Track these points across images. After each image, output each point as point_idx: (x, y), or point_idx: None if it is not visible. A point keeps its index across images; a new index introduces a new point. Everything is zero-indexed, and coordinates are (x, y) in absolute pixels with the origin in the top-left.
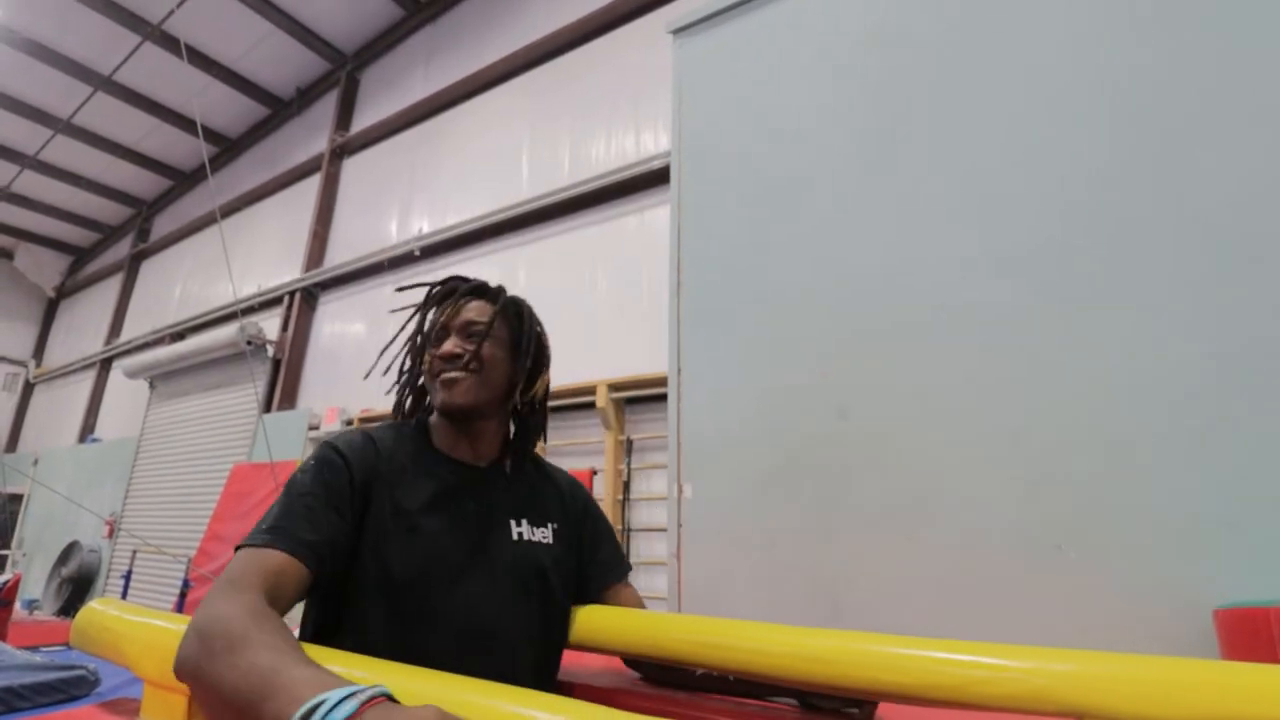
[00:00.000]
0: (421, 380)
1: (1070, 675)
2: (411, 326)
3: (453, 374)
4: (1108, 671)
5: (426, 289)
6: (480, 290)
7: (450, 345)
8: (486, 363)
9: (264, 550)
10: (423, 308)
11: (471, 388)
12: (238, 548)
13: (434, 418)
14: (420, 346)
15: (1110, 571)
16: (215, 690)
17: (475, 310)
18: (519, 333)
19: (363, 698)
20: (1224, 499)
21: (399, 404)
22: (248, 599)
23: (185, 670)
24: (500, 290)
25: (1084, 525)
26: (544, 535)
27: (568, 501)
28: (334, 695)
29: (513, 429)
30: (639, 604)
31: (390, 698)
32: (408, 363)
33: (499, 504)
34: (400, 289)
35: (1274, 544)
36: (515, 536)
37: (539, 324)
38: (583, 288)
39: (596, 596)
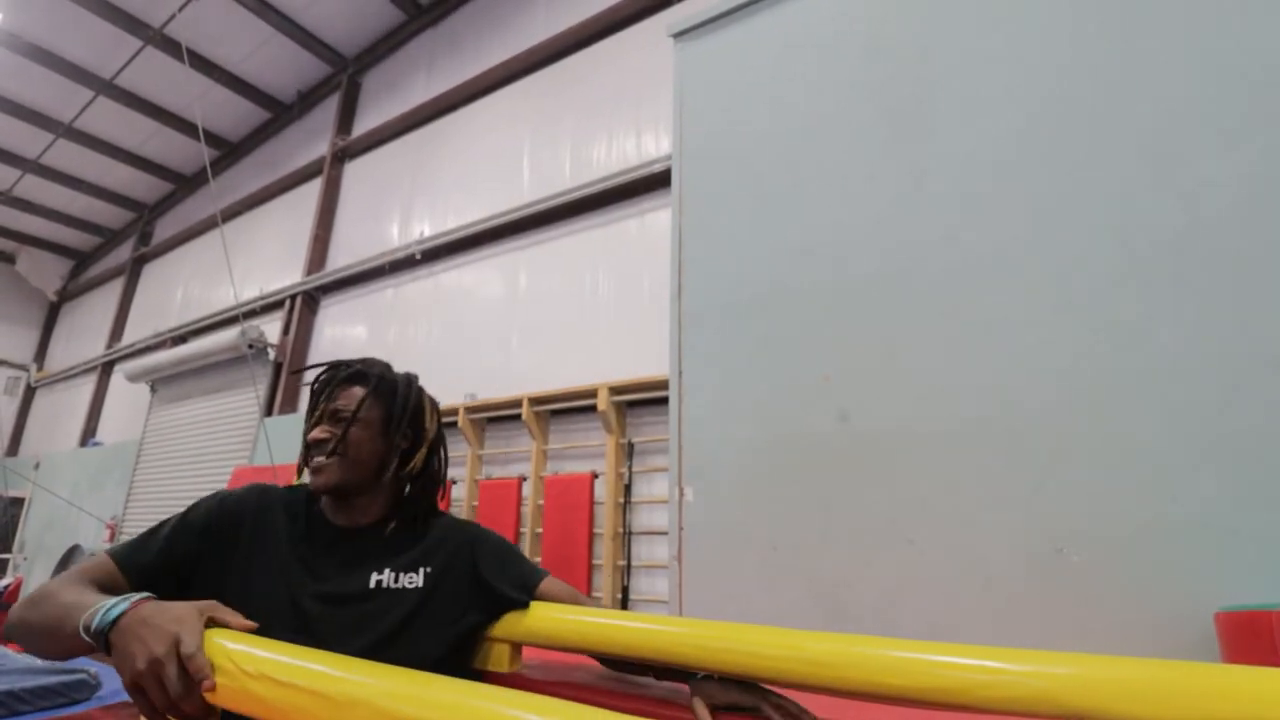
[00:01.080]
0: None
1: (1071, 679)
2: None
3: (319, 459)
4: (1109, 675)
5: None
6: (355, 376)
7: (317, 431)
8: (352, 446)
9: (107, 560)
10: (310, 396)
11: (335, 471)
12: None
13: None
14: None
15: (1112, 574)
16: (28, 628)
17: (345, 397)
18: (391, 409)
19: (134, 599)
20: (1225, 503)
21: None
22: (71, 574)
23: (10, 623)
24: (378, 374)
25: (1086, 528)
26: (411, 580)
27: (449, 545)
28: (110, 601)
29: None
30: (569, 593)
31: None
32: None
33: (362, 559)
34: (295, 371)
35: (1275, 548)
36: (373, 585)
37: (420, 398)
38: (584, 291)
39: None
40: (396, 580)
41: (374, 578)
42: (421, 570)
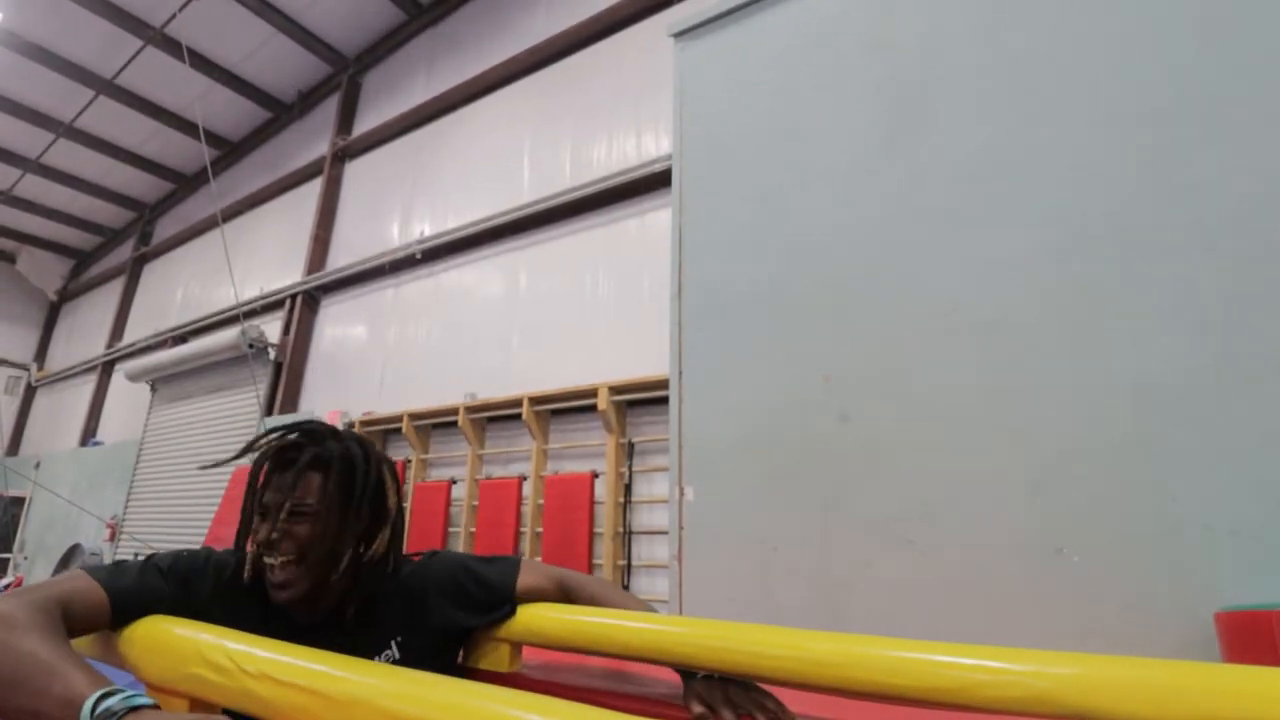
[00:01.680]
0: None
1: (1072, 678)
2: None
3: (276, 567)
4: (1110, 675)
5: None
6: (314, 462)
7: (268, 531)
8: (308, 547)
9: (90, 581)
10: (250, 479)
11: (303, 582)
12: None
13: None
14: (251, 517)
15: (1112, 575)
16: None
17: (303, 488)
18: (352, 494)
19: (140, 701)
20: (1225, 503)
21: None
22: (40, 597)
23: None
24: (338, 455)
25: (1086, 529)
26: (387, 658)
27: (412, 602)
28: (121, 693)
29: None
30: (550, 576)
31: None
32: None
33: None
34: (236, 457)
35: (1275, 548)
36: None
37: (380, 472)
38: (584, 290)
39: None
40: None
41: None
42: (393, 642)
